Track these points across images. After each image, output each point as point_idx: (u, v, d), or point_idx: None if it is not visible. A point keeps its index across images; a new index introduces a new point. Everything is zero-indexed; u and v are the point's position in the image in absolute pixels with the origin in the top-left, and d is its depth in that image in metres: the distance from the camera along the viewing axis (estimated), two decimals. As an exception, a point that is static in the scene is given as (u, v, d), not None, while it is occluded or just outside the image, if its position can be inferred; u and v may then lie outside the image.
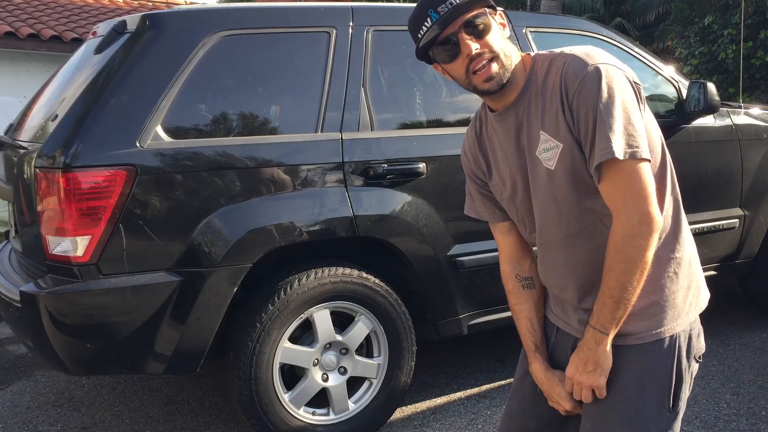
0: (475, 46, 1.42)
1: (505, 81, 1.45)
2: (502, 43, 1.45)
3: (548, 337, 1.68)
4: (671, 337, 1.48)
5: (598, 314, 1.45)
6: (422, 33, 1.43)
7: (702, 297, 1.56)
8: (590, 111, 1.37)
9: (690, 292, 1.52)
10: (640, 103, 1.43)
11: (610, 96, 1.37)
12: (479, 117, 1.64)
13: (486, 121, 1.61)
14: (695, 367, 1.54)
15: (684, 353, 1.49)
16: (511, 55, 1.46)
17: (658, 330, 1.47)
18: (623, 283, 1.40)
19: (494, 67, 1.43)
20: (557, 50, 1.48)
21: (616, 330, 1.45)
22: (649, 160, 1.39)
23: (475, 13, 1.41)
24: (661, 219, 1.40)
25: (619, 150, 1.35)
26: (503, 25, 1.48)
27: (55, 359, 2.63)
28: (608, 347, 1.46)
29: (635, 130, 1.37)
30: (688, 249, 1.53)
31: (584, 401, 1.53)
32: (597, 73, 1.38)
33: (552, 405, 1.64)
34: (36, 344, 2.69)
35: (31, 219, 2.69)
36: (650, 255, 1.39)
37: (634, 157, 1.36)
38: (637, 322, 1.47)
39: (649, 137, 1.44)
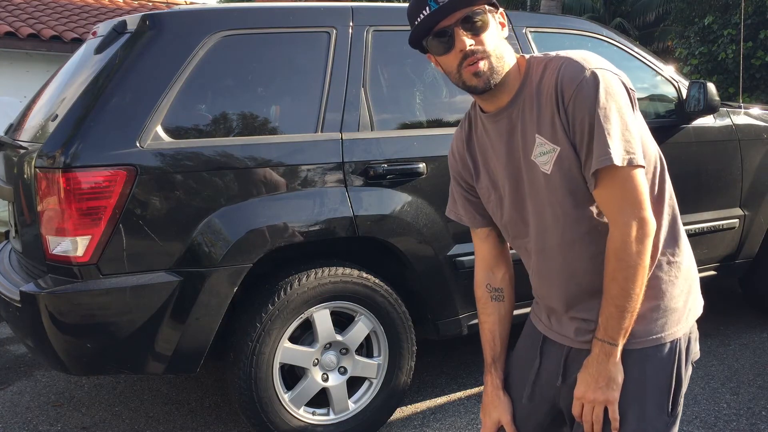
0: (469, 42, 1.39)
1: (493, 81, 1.42)
2: (496, 43, 1.42)
3: (533, 344, 1.64)
4: (672, 342, 1.47)
5: (604, 326, 1.42)
6: (419, 21, 1.41)
7: (698, 303, 1.56)
8: (586, 116, 1.36)
9: (690, 297, 1.52)
10: (635, 110, 1.42)
11: (608, 102, 1.36)
12: (469, 117, 1.61)
13: (476, 122, 1.58)
14: (690, 370, 1.53)
15: (684, 358, 1.48)
16: (503, 57, 1.43)
17: (660, 335, 1.46)
18: (627, 291, 1.39)
19: (482, 64, 1.40)
20: (552, 53, 1.47)
21: (625, 340, 1.43)
22: (644, 167, 1.39)
23: (475, 9, 1.39)
24: (655, 223, 1.40)
25: (618, 157, 1.35)
26: (502, 25, 1.46)
27: (55, 359, 2.63)
28: (618, 359, 1.43)
29: (632, 137, 1.37)
30: (686, 255, 1.53)
31: (595, 424, 1.47)
32: (594, 78, 1.36)
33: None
34: (36, 344, 2.69)
35: (31, 219, 2.69)
36: (648, 259, 1.40)
37: (630, 164, 1.36)
38: (638, 325, 1.45)
39: (644, 143, 1.44)
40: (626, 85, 1.41)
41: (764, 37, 10.19)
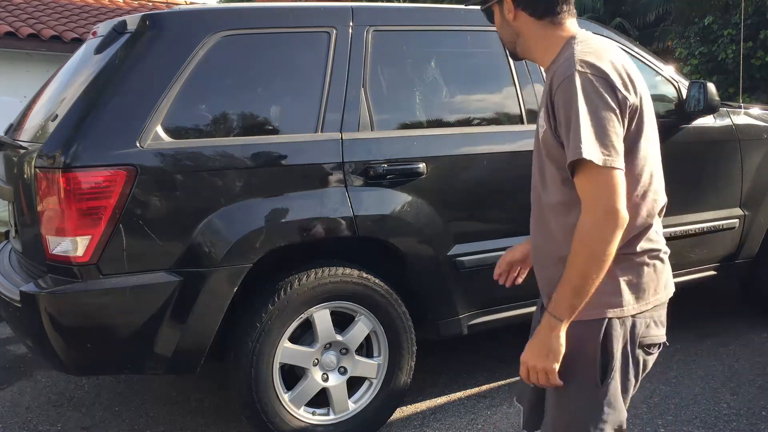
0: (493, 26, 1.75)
1: (511, 55, 1.76)
2: (501, 30, 1.73)
3: (541, 308, 1.79)
4: (597, 320, 1.56)
5: (556, 301, 1.54)
6: None
7: (650, 294, 1.61)
8: (562, 111, 1.51)
9: (631, 287, 1.59)
10: (623, 113, 1.50)
11: (584, 102, 1.47)
12: None
13: None
14: (646, 356, 1.63)
15: (618, 338, 1.57)
16: (513, 42, 1.71)
17: (583, 312, 1.54)
18: (584, 274, 1.48)
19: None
20: (587, 36, 1.61)
21: (570, 318, 1.53)
22: (619, 168, 1.47)
23: (484, 5, 1.72)
24: (626, 217, 1.48)
25: (589, 152, 1.45)
26: (510, 11, 1.66)
27: (55, 359, 2.64)
28: (562, 333, 1.54)
29: (606, 137, 1.46)
30: (639, 252, 1.60)
31: (538, 384, 1.60)
32: (576, 78, 1.49)
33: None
34: (36, 344, 2.69)
35: (31, 219, 2.69)
36: (613, 249, 1.48)
37: (605, 164, 1.45)
38: None
39: (636, 147, 1.54)
40: (616, 87, 1.50)
41: (764, 37, 10.19)
